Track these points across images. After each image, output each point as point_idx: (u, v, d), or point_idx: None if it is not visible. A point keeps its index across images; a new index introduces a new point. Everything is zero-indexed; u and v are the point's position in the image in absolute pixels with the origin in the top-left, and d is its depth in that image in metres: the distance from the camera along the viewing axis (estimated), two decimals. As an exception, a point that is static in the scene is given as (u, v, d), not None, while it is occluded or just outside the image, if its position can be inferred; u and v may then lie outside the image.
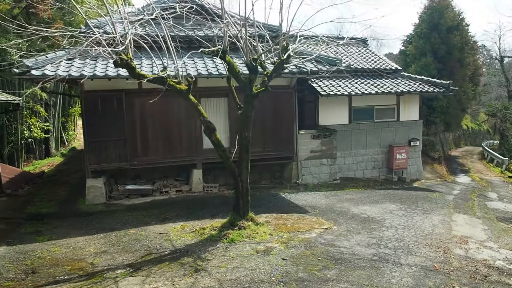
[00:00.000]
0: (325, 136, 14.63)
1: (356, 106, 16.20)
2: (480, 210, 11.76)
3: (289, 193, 12.82)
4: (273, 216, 9.74)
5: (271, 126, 13.59)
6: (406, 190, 14.39)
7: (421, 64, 22.80)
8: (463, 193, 14.94)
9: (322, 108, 15.71)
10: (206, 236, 7.87)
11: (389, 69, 17.53)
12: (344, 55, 17.97)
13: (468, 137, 43.15)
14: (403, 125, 17.07)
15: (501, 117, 32.72)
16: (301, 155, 14.30)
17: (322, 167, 14.62)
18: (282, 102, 13.71)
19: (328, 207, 11.07)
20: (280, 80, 13.49)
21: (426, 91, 16.32)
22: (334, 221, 9.45)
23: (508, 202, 14.05)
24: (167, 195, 12.81)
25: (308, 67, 12.56)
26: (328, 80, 15.98)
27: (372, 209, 10.79)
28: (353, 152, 16.29)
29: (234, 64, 7.91)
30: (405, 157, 16.63)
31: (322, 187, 13.95)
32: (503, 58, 38.30)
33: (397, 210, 10.75)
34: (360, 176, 16.39)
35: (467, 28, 25.13)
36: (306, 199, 12.00)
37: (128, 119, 12.21)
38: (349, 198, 12.30)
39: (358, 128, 16.28)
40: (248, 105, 8.02)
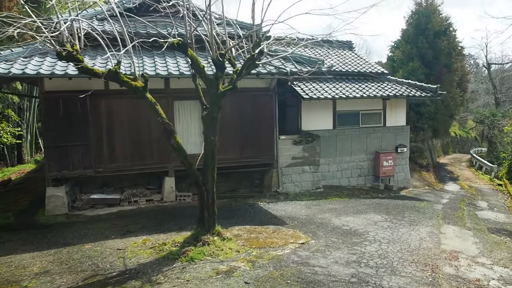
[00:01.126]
0: (307, 141, 13.82)
1: (341, 110, 15.45)
2: (471, 221, 11.01)
3: (268, 203, 11.95)
4: (246, 229, 8.85)
5: (249, 130, 12.75)
6: (393, 199, 13.61)
7: (408, 69, 22.24)
8: (452, 202, 14.21)
9: (305, 112, 14.93)
10: (164, 253, 6.94)
11: (375, 72, 16.86)
12: (329, 58, 17.27)
13: (456, 144, 42.89)
14: (389, 130, 16.37)
15: (489, 124, 32.42)
16: (282, 162, 13.46)
17: (304, 175, 13.78)
18: (262, 105, 12.88)
19: (308, 218, 10.22)
20: (259, 81, 12.69)
21: (413, 95, 15.65)
22: (313, 234, 8.59)
23: (499, 211, 13.36)
24: (136, 205, 11.84)
25: (288, 67, 11.77)
26: (312, 83, 15.23)
27: (355, 220, 9.96)
28: (338, 159, 15.50)
29: (198, 59, 7.06)
30: (392, 164, 15.89)
31: (304, 196, 13.10)
32: (490, 65, 38.17)
33: (382, 221, 9.93)
34: (345, 184, 15.59)
35: (454, 33, 24.72)
36: (285, 209, 11.14)
37: (94, 123, 11.26)
38: (331, 208, 11.47)
39: (343, 134, 15.51)
40: (214, 106, 7.16)
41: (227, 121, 12.49)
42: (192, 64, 7.11)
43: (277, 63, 12.08)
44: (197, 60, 7.03)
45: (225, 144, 12.55)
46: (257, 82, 12.68)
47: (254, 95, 12.77)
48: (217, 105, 7.16)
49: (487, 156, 31.00)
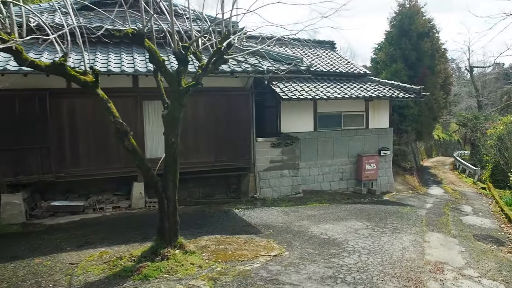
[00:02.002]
0: (286, 144, 13.17)
1: (322, 112, 14.86)
2: (456, 227, 10.47)
3: (243, 209, 11.23)
4: (216, 239, 8.11)
5: (225, 133, 12.03)
6: (375, 204, 13.04)
7: (391, 71, 21.83)
8: (436, 206, 13.72)
9: (284, 114, 14.28)
10: (118, 269, 6.16)
11: (357, 73, 16.35)
12: (310, 58, 16.69)
13: (439, 147, 42.89)
14: (372, 133, 15.84)
15: (472, 127, 32.35)
16: (259, 166, 12.76)
17: (283, 179, 13.11)
18: (238, 106, 12.18)
19: (284, 226, 9.54)
20: (234, 80, 12.00)
21: (396, 96, 15.16)
22: (288, 244, 7.91)
23: (484, 216, 12.90)
24: (101, 213, 10.99)
25: (265, 66, 11.12)
26: (291, 83, 14.61)
27: (334, 228, 9.32)
28: (319, 162, 14.89)
29: (157, 51, 6.32)
30: (374, 167, 15.35)
31: (282, 201, 12.43)
32: (472, 68, 38.26)
33: (363, 229, 9.31)
34: (326, 188, 14.97)
35: (437, 35, 24.47)
36: (261, 217, 10.44)
37: (54, 124, 10.39)
38: (310, 214, 10.81)
39: (324, 136, 14.92)
40: (175, 104, 6.43)
41: (201, 123, 11.78)
42: (151, 57, 6.37)
43: (253, 61, 11.43)
44: (156, 52, 6.29)
45: (198, 147, 11.84)
46: (233, 81, 11.99)
47: (229, 95, 12.07)
48: (179, 103, 6.43)
49: (470, 159, 30.89)
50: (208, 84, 11.87)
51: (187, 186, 12.66)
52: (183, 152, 11.72)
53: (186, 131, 11.62)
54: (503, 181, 20.64)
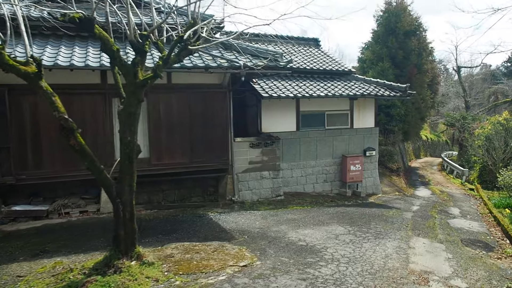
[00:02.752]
0: (266, 144, 12.54)
1: (305, 111, 14.27)
2: (443, 231, 9.94)
3: (219, 213, 10.57)
4: (184, 247, 7.44)
5: (200, 132, 11.36)
6: (360, 207, 12.48)
7: (378, 70, 21.37)
8: (423, 209, 13.21)
9: (265, 113, 13.66)
10: (63, 285, 5.45)
11: (341, 71, 15.80)
12: (293, 55, 16.11)
13: (428, 148, 42.72)
14: (357, 133, 15.30)
15: (459, 127, 32.13)
16: (237, 167, 12.12)
17: (263, 181, 12.48)
18: (214, 104, 11.52)
19: (261, 231, 8.90)
20: (210, 77, 11.34)
21: (382, 94, 14.65)
22: (261, 252, 7.27)
23: (472, 219, 12.42)
24: (67, 218, 10.24)
25: (241, 61, 10.48)
26: (273, 81, 14.01)
27: (314, 234, 8.70)
28: (302, 163, 14.29)
29: (109, 39, 5.63)
30: (359, 168, 14.81)
31: (262, 204, 11.80)
32: (460, 68, 38.10)
33: (345, 235, 8.71)
34: (309, 190, 14.39)
35: (424, 33, 24.12)
36: (237, 221, 9.79)
37: (15, 123, 9.63)
38: (290, 218, 10.19)
39: (307, 136, 14.33)
40: (132, 98, 5.74)
41: (175, 122, 11.10)
42: (103, 46, 5.68)
43: (230, 56, 10.79)
44: (109, 40, 5.61)
45: (172, 147, 11.15)
46: (209, 77, 11.33)
47: (205, 92, 11.40)
48: (136, 97, 5.75)
49: (458, 159, 30.65)
50: (183, 81, 11.23)
51: (161, 189, 11.99)
52: (156, 153, 11.07)
53: (158, 131, 10.94)
54: (491, 182, 20.32)
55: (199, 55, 10.61)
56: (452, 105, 42.67)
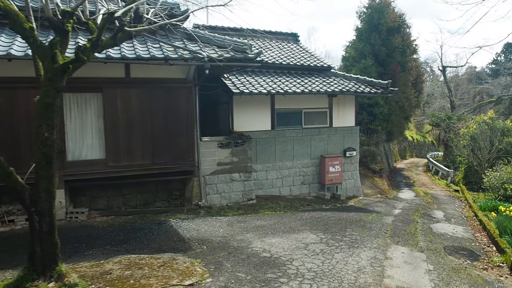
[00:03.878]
0: (236, 144, 11.60)
1: (281, 109, 13.39)
2: (424, 238, 9.12)
3: (182, 220, 9.60)
4: (128, 261, 6.46)
5: (163, 131, 10.39)
6: (338, 211, 11.62)
7: (360, 67, 20.60)
8: (405, 212, 12.41)
9: (237, 110, 12.74)
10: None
11: (320, 66, 14.97)
12: (269, 50, 15.22)
13: (413, 149, 42.25)
14: (337, 132, 14.47)
15: (445, 128, 31.63)
16: (205, 169, 11.16)
17: (233, 184, 11.53)
18: (178, 100, 10.55)
19: (223, 240, 7.97)
20: (173, 70, 10.38)
21: (362, 91, 13.84)
22: (217, 266, 6.33)
23: (456, 223, 11.66)
24: (11, 226, 9.18)
25: (206, 52, 9.55)
26: (246, 76, 13.12)
27: (282, 243, 7.80)
28: (278, 164, 13.40)
29: (20, 15, 4.64)
30: (339, 170, 13.97)
31: (231, 209, 10.86)
32: (445, 68, 37.70)
33: (316, 243, 7.82)
34: (286, 193, 13.50)
35: (408, 30, 23.48)
36: (200, 229, 8.84)
37: None
38: (259, 225, 9.28)
39: (283, 136, 13.44)
40: (49, 86, 4.76)
41: (134, 119, 10.11)
42: (11, 23, 4.69)
43: (194, 48, 9.84)
44: (18, 16, 4.62)
45: (132, 147, 10.15)
46: (172, 71, 10.37)
47: (168, 87, 10.44)
48: (54, 85, 4.78)
49: (444, 160, 30.11)
50: (143, 75, 10.24)
51: (122, 193, 10.97)
52: (113, 154, 10.06)
53: (116, 129, 9.94)
54: (477, 183, 19.70)
55: (159, 46, 9.65)
56: (438, 105, 42.34)
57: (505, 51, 75.95)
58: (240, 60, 9.88)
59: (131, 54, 8.92)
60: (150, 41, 9.97)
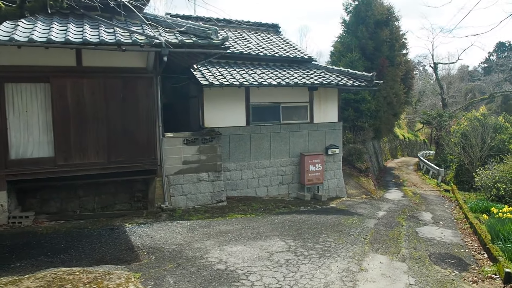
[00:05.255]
0: (204, 141, 10.58)
1: (256, 103, 12.40)
2: (408, 244, 8.17)
3: (139, 225, 8.58)
4: (53, 276, 5.43)
5: (121, 126, 9.36)
6: (316, 213, 10.65)
7: (346, 61, 19.65)
8: (390, 214, 11.48)
9: (209, 105, 11.72)
10: None
11: (300, 58, 13.99)
12: (246, 41, 14.21)
13: (405, 148, 41.51)
14: (318, 128, 13.50)
15: (436, 125, 30.86)
16: (169, 168, 10.13)
17: (201, 185, 10.51)
18: (138, 91, 9.52)
19: (178, 249, 6.96)
20: (132, 59, 9.36)
21: (344, 84, 12.87)
22: (158, 282, 5.32)
23: (445, 226, 10.74)
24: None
25: (165, 37, 8.53)
26: (218, 67, 12.11)
27: (243, 252, 6.80)
28: (253, 163, 12.41)
29: None
30: (320, 169, 13.00)
31: (197, 212, 9.84)
32: (436, 65, 36.95)
33: (282, 252, 6.83)
34: (263, 194, 12.51)
35: (397, 23, 22.60)
36: (155, 235, 7.82)
37: None
38: (224, 230, 8.27)
39: (259, 132, 12.45)
40: None
41: (87, 113, 9.07)
42: None
43: (153, 33, 8.80)
44: None
45: (84, 144, 9.11)
46: (129, 59, 9.34)
47: (126, 77, 9.40)
48: None
49: (435, 159, 29.33)
50: (98, 63, 9.16)
51: (77, 195, 9.92)
52: (63, 152, 8.98)
53: (66, 124, 8.89)
54: (468, 182, 18.86)
55: (113, 31, 8.60)
56: (429, 102, 41.60)
57: (497, 50, 75.69)
58: (203, 46, 8.87)
59: (77, 38, 7.87)
60: (104, 25, 8.91)
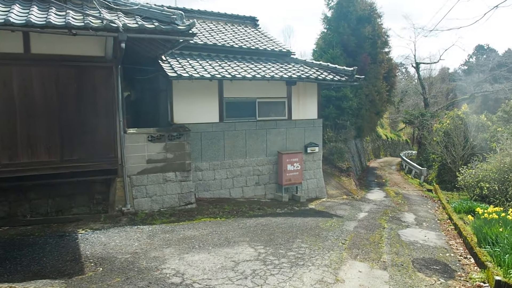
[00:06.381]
0: (171, 138, 9.72)
1: (230, 98, 11.61)
2: (390, 249, 7.49)
3: (94, 231, 7.69)
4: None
5: (76, 121, 8.45)
6: (293, 215, 9.91)
7: (328, 57, 19.01)
8: (372, 216, 10.82)
9: (178, 99, 10.88)
10: None
11: (278, 51, 13.25)
12: (222, 33, 13.40)
13: (388, 148, 41.30)
14: (296, 125, 12.78)
15: (418, 125, 30.59)
16: (131, 168, 9.24)
17: (167, 185, 9.65)
18: (96, 82, 8.61)
19: (132, 258, 6.11)
20: (88, 46, 8.47)
21: (324, 78, 12.18)
22: (96, 302, 4.48)
23: (429, 227, 10.14)
24: None
25: (123, 21, 7.67)
26: (189, 59, 11.29)
27: (206, 261, 6.00)
28: (227, 162, 11.60)
29: None
30: (299, 168, 12.28)
31: (162, 216, 8.98)
32: (418, 64, 36.75)
33: (250, 261, 6.05)
34: (237, 195, 11.72)
35: (379, 20, 22.10)
36: (110, 242, 6.95)
37: None
38: (188, 236, 7.45)
39: (233, 129, 11.66)
40: None
41: (37, 106, 8.13)
42: None
43: (110, 17, 7.92)
44: None
45: (34, 141, 8.16)
46: (85, 47, 8.44)
47: (82, 67, 8.49)
48: None
49: (417, 158, 29.02)
50: (49, 51, 8.18)
51: (28, 198, 8.94)
52: (8, 149, 7.99)
53: (12, 118, 7.94)
54: (450, 181, 18.44)
55: (64, 14, 7.69)
56: (412, 102, 41.47)
57: (476, 52, 76.70)
58: (167, 32, 8.03)
59: (20, 19, 6.95)
60: (56, 8, 7.99)
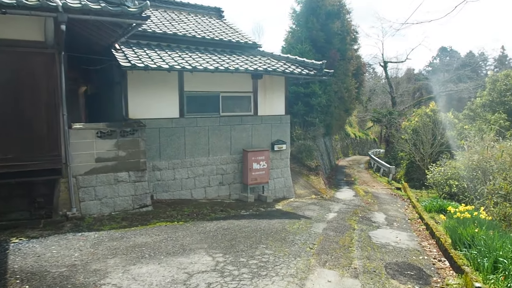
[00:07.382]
0: (124, 134, 8.82)
1: (191, 91, 10.81)
2: (361, 253, 6.93)
3: (29, 239, 6.71)
4: None
5: (11, 115, 7.44)
6: (258, 217, 9.22)
7: (296, 53, 18.39)
8: (341, 216, 10.31)
9: (134, 92, 9.98)
10: None
11: (243, 43, 12.55)
12: (183, 23, 12.55)
13: (356, 146, 41.50)
14: (263, 121, 12.12)
15: (386, 123, 30.70)
16: (77, 167, 8.28)
17: (119, 186, 8.74)
18: (35, 71, 7.62)
19: (68, 272, 5.24)
20: (25, 29, 7.46)
21: (291, 71, 11.58)
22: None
23: (400, 227, 9.72)
24: None
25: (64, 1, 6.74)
26: (146, 49, 10.41)
27: (155, 274, 5.21)
28: (188, 160, 10.80)
29: None
30: (265, 166, 11.63)
31: (112, 220, 8.07)
32: (386, 63, 37.01)
33: (206, 273, 5.31)
34: (200, 196, 10.94)
35: (348, 16, 21.84)
36: (45, 253, 6.02)
37: None
38: (139, 243, 6.61)
39: (195, 125, 10.86)
40: None
41: (-37, 96, 7.07)
42: None
43: None
44: None
45: (-40, 136, 7.10)
46: (23, 30, 7.44)
47: (18, 53, 7.48)
48: None
49: (385, 156, 29.11)
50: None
51: (-44, 202, 7.83)
52: None
53: None
54: (419, 179, 18.33)
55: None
56: (379, 101, 41.84)
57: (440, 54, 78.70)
58: (116, 14, 7.16)
59: None
60: None
